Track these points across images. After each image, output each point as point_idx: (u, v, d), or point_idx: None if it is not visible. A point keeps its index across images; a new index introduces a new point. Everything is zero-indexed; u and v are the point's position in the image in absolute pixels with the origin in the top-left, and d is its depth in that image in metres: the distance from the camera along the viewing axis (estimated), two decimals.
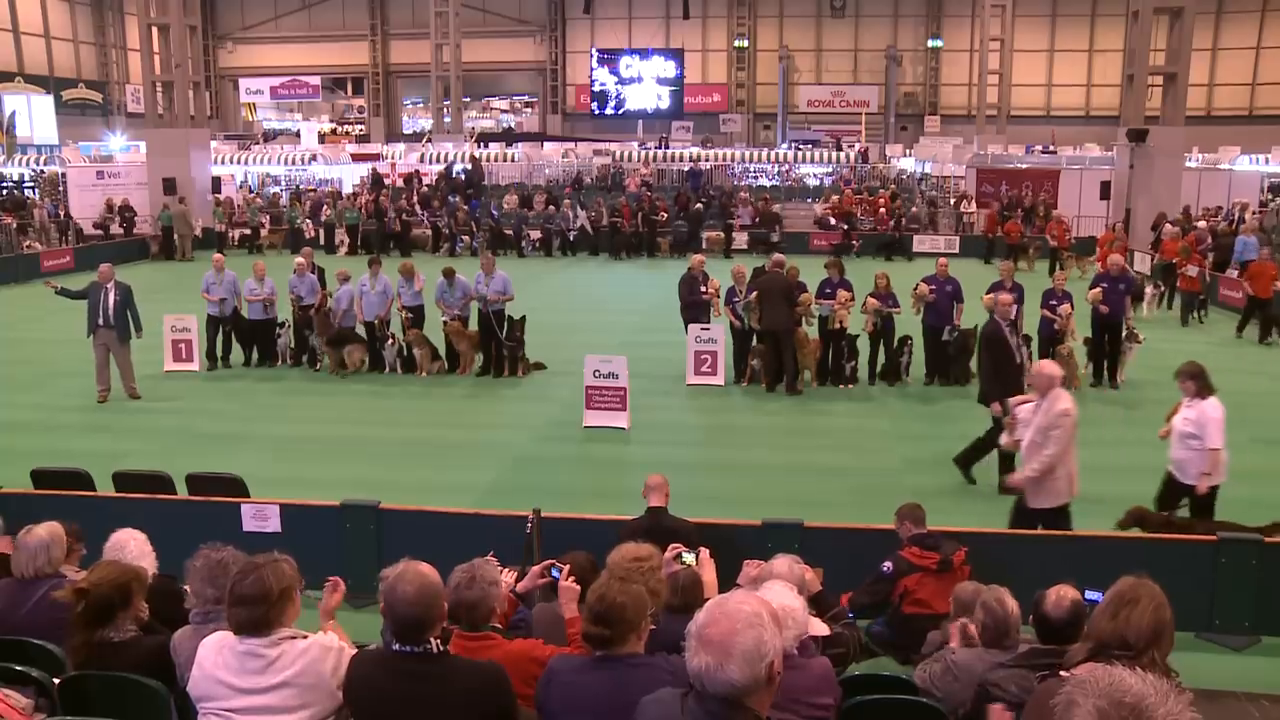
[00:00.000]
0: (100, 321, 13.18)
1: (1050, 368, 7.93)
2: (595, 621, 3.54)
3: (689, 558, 4.86)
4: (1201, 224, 25.16)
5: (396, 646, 3.43)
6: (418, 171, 36.00)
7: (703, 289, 14.67)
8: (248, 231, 30.96)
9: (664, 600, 4.42)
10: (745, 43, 49.39)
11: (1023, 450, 7.73)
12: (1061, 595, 4.07)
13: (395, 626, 3.44)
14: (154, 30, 32.24)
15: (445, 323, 14.95)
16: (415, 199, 32.15)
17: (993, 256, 26.23)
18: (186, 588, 4.28)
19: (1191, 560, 7.02)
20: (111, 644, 4.13)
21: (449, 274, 15.09)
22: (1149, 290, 19.60)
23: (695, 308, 14.64)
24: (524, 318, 14.81)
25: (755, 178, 36.96)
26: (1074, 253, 24.40)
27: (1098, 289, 14.28)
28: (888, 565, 6.28)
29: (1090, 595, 4.09)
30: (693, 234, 29.69)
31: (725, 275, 15.04)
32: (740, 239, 29.95)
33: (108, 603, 4.14)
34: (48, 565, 4.66)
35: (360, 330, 15.16)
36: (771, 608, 2.70)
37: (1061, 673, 3.28)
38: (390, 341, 15.05)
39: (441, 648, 3.44)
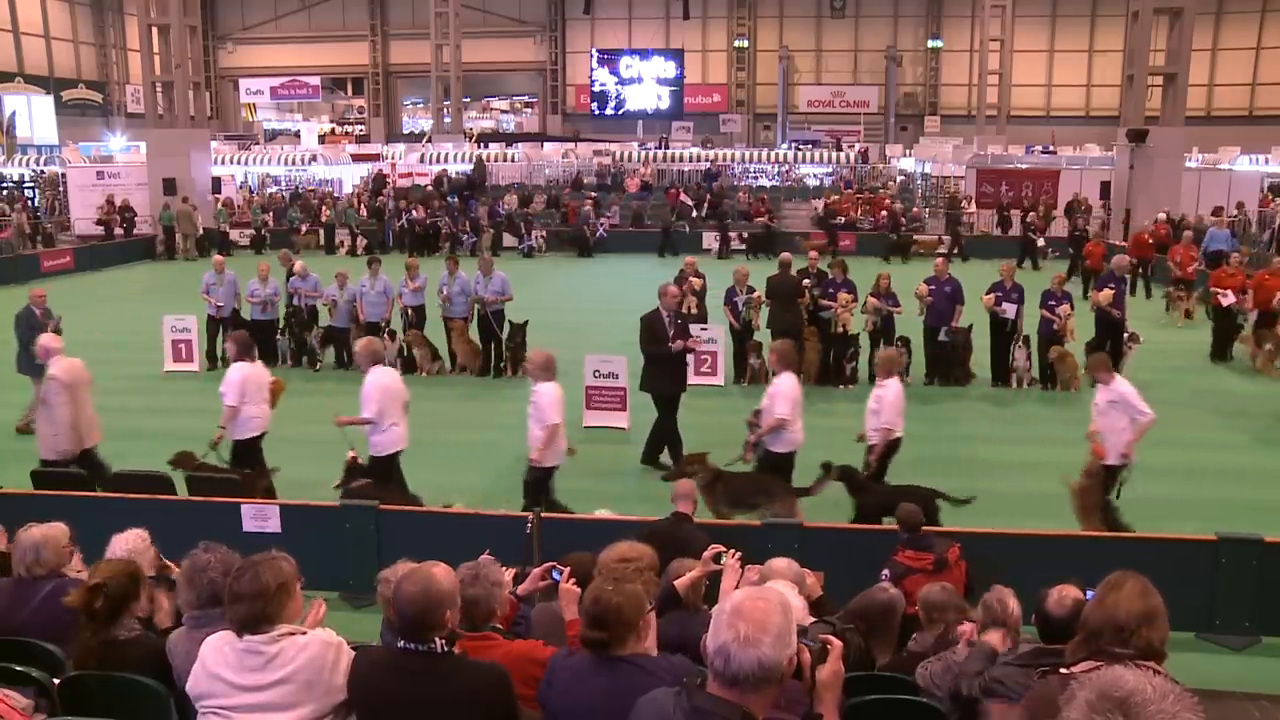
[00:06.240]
0: None
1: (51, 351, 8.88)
2: (592, 625, 3.48)
3: (725, 559, 4.88)
4: (1161, 215, 24.85)
5: (401, 644, 3.44)
6: (445, 171, 35.79)
7: (684, 285, 14.75)
8: (251, 232, 30.92)
9: (657, 599, 4.39)
10: (745, 43, 49.37)
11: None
12: (1063, 594, 4.08)
13: (399, 622, 3.44)
14: (154, 30, 32.21)
15: (449, 327, 14.97)
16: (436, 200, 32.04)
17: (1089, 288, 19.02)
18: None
19: (1191, 560, 7.02)
20: (118, 642, 4.11)
21: (452, 268, 15.10)
22: (1267, 347, 15.01)
23: None
24: (526, 322, 14.79)
25: (755, 178, 36.97)
26: (1184, 289, 19.08)
27: (1109, 290, 14.25)
28: (885, 573, 6.25)
29: (1092, 595, 4.09)
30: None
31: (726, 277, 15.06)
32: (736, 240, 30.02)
33: (124, 594, 4.14)
34: (51, 564, 4.65)
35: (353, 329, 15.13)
36: None
37: (1062, 670, 3.28)
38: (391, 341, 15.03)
39: (446, 648, 3.43)
